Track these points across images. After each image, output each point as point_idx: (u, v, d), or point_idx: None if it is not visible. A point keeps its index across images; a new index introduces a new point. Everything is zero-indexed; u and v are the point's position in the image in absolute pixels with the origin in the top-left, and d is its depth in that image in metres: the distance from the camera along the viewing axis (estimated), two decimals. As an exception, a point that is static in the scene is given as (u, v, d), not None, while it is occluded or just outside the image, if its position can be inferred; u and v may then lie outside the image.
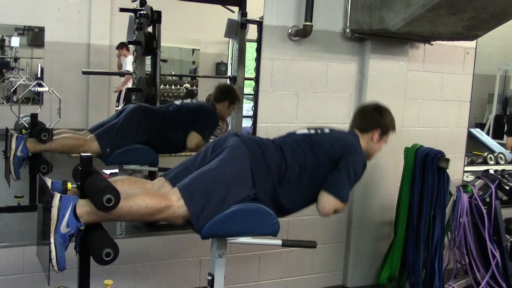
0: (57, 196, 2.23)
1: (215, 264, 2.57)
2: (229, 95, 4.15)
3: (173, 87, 6.95)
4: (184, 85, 7.64)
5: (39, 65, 4.84)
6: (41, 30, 5.37)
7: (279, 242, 2.60)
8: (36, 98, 4.58)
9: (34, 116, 3.62)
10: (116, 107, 4.79)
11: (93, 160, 2.33)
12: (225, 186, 2.45)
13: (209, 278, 2.57)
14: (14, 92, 4.84)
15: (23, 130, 3.56)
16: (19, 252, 3.10)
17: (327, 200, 2.67)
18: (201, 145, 3.80)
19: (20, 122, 3.74)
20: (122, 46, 6.06)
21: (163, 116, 3.93)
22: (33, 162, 3.50)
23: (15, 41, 5.57)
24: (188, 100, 4.26)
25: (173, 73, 6.82)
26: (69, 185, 2.31)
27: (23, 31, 5.56)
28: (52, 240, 2.15)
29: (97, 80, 5.98)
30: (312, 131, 2.87)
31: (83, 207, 2.23)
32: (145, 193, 2.40)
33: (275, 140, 2.78)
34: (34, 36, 5.51)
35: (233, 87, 4.36)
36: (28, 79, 5.17)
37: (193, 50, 7.84)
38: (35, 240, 2.56)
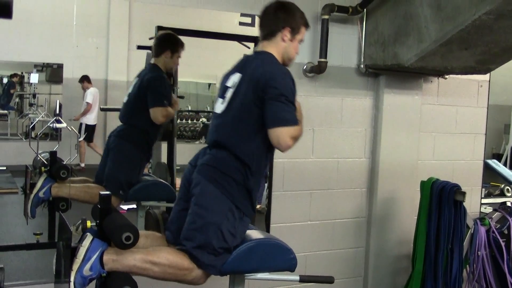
0: (89, 237, 2.26)
1: (233, 300, 2.57)
2: (167, 43, 3.86)
3: (189, 121, 6.98)
4: (201, 120, 7.69)
5: (58, 101, 4.89)
6: (60, 66, 5.43)
7: (297, 277, 2.61)
8: (54, 134, 4.62)
9: (53, 154, 3.67)
10: (79, 138, 4.69)
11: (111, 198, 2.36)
12: (214, 227, 2.42)
13: (227, 315, 2.57)
14: (33, 128, 4.90)
15: (42, 168, 3.61)
16: (38, 289, 3.12)
17: (277, 134, 2.44)
18: (166, 114, 3.71)
19: (39, 158, 3.78)
20: (83, 79, 5.90)
21: (130, 127, 3.81)
22: (52, 200, 3.53)
23: (34, 78, 5.62)
24: (130, 89, 3.95)
25: (189, 107, 6.84)
26: (88, 223, 2.34)
27: (42, 67, 5.63)
28: (72, 279, 2.18)
29: (114, 116, 6.04)
30: (224, 104, 2.61)
31: (111, 254, 2.26)
32: (168, 250, 2.46)
33: (213, 142, 2.59)
34: (53, 73, 5.58)
35: (170, 33, 3.94)
36: (46, 115, 5.21)
37: (209, 84, 7.89)
38: (53, 278, 2.58)
